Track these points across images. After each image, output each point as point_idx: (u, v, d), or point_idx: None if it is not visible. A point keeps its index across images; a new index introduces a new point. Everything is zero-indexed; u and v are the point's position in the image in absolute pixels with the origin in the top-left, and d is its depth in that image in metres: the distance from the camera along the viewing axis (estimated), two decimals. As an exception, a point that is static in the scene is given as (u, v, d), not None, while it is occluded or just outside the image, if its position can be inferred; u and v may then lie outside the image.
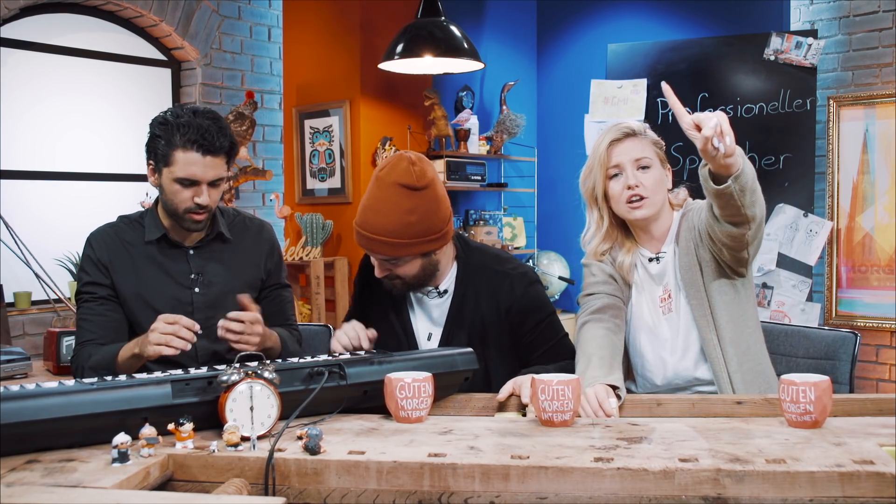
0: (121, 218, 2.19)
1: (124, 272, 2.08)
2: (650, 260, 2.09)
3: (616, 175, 2.03)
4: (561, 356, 2.06)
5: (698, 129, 1.66)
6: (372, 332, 1.98)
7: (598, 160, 2.05)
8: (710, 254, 1.99)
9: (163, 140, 1.98)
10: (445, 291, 2.08)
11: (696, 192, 2.17)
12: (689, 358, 2.03)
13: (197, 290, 2.11)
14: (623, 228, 2.13)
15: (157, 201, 2.13)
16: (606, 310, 2.04)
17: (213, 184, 2.02)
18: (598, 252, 2.14)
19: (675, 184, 2.14)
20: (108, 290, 2.08)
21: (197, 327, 1.85)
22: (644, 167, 2.01)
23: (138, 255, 2.10)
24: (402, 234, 1.91)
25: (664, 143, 2.09)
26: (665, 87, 1.79)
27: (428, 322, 2.11)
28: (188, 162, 1.97)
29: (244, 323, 1.90)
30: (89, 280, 2.08)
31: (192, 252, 2.13)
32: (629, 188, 2.00)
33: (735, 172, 1.71)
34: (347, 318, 2.25)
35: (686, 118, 1.69)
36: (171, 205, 2.03)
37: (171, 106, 2.14)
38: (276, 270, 2.25)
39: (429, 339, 2.10)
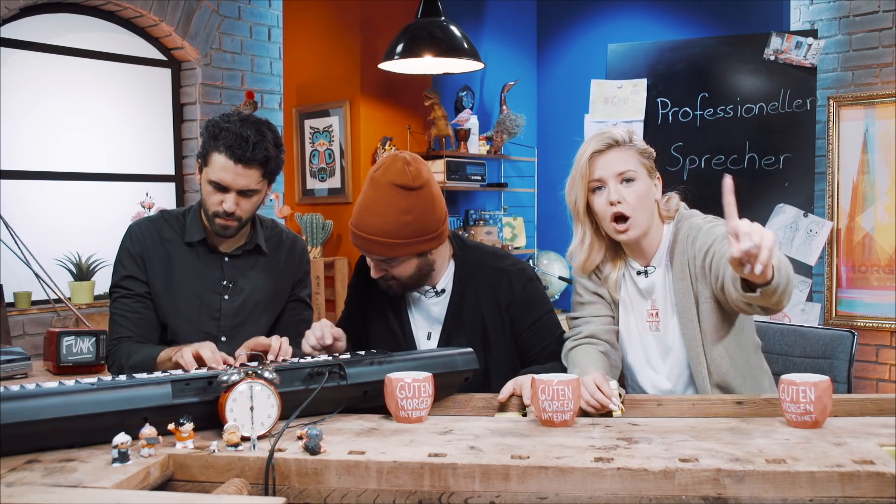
0: (162, 212, 2.21)
1: (157, 268, 2.11)
2: (638, 273, 2.02)
3: (599, 188, 1.94)
4: (559, 354, 2.06)
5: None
6: (337, 331, 1.94)
7: (579, 172, 1.96)
8: (712, 293, 1.89)
9: (207, 141, 2.02)
10: (443, 291, 2.08)
11: (687, 200, 2.08)
12: (680, 383, 1.99)
13: (226, 297, 2.13)
14: (610, 240, 2.03)
15: (200, 202, 2.16)
16: (595, 336, 2.00)
17: (243, 193, 2.02)
18: (584, 267, 2.05)
19: (673, 186, 2.06)
20: (144, 286, 2.10)
21: (230, 362, 1.79)
22: (628, 180, 1.91)
23: (175, 254, 2.12)
24: (397, 234, 1.91)
25: (653, 151, 1.99)
26: (726, 182, 1.51)
27: (426, 322, 2.11)
28: (221, 166, 1.99)
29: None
30: (126, 274, 2.10)
31: (227, 259, 2.15)
32: (612, 204, 1.91)
33: (767, 280, 1.53)
34: (340, 321, 2.25)
35: (730, 223, 1.48)
36: (205, 205, 2.07)
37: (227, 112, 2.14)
38: (300, 285, 2.26)
39: (428, 338, 2.10)
